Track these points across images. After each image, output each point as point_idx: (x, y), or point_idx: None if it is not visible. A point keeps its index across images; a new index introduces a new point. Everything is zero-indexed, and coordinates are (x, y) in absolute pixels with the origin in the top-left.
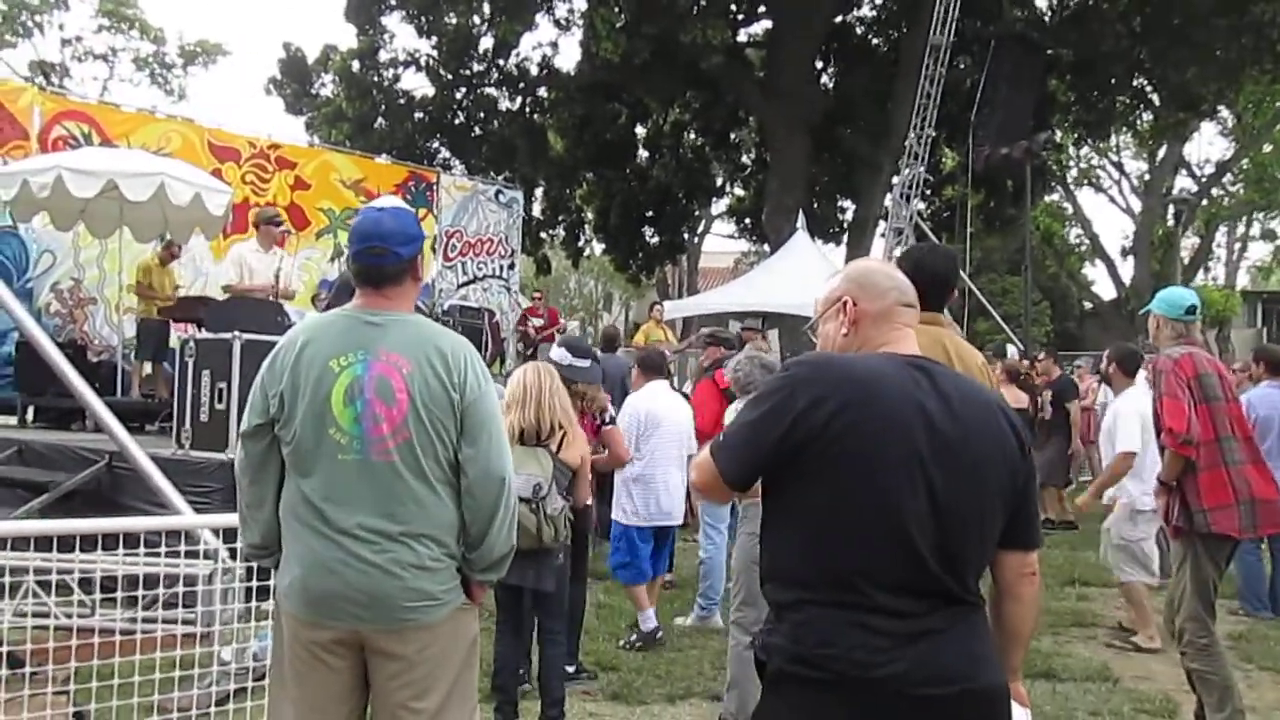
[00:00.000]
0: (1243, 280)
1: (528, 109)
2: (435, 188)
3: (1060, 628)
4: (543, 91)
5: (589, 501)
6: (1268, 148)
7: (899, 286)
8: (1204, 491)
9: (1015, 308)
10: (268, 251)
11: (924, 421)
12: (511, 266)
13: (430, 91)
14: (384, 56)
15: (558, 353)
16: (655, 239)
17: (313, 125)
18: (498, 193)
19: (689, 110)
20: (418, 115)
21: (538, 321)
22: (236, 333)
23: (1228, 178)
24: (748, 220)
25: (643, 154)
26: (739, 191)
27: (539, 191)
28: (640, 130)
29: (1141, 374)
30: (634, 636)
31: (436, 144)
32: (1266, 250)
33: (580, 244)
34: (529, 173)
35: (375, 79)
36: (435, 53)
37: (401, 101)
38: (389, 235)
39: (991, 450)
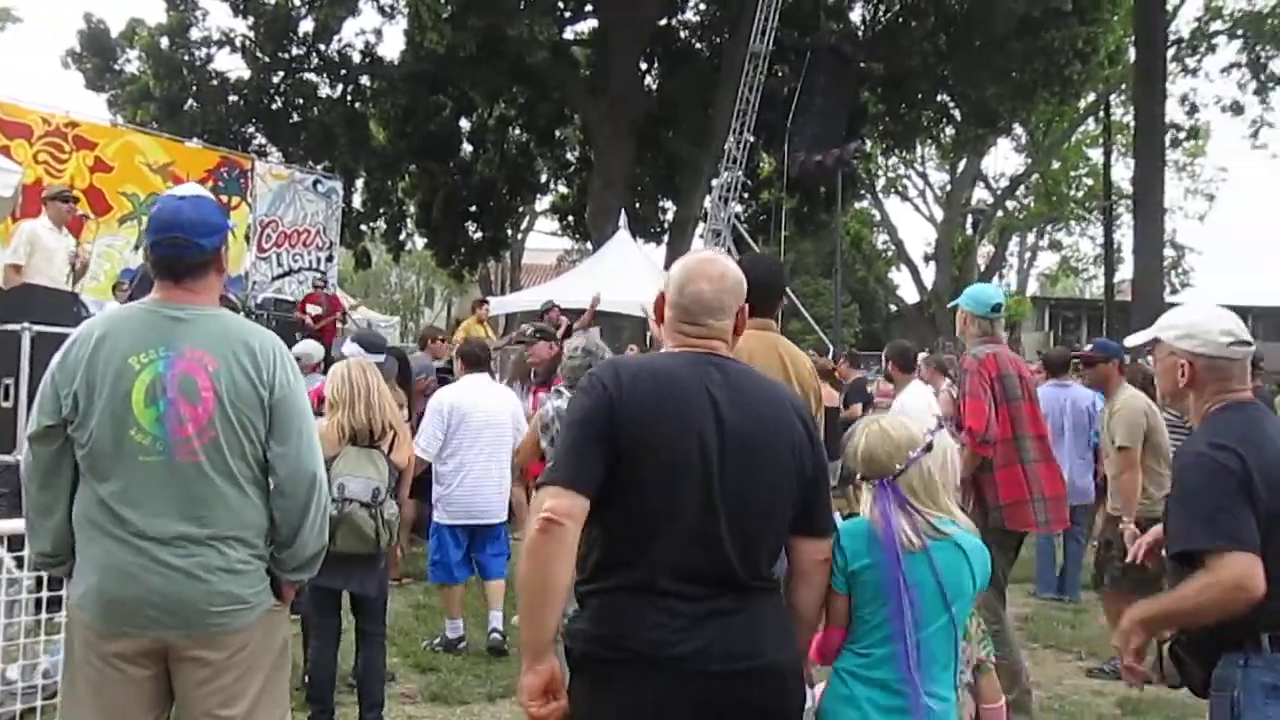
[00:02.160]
0: (1033, 287)
1: (349, 97)
2: (250, 175)
3: None
4: (365, 80)
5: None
6: (1056, 164)
7: (706, 304)
8: (1001, 488)
9: (826, 309)
10: (61, 231)
11: (714, 414)
12: (330, 259)
13: (246, 74)
14: (196, 34)
15: (350, 348)
16: (478, 234)
17: (116, 104)
18: (316, 182)
19: (514, 105)
20: (231, 98)
21: (316, 309)
22: (26, 324)
23: (1021, 190)
24: (571, 218)
25: (467, 148)
26: (563, 189)
27: (359, 182)
28: (465, 124)
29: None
30: (436, 641)
31: (252, 129)
32: (1054, 259)
33: (401, 238)
34: (349, 163)
35: (186, 58)
36: (251, 33)
37: (214, 83)
38: (190, 225)
39: (780, 442)
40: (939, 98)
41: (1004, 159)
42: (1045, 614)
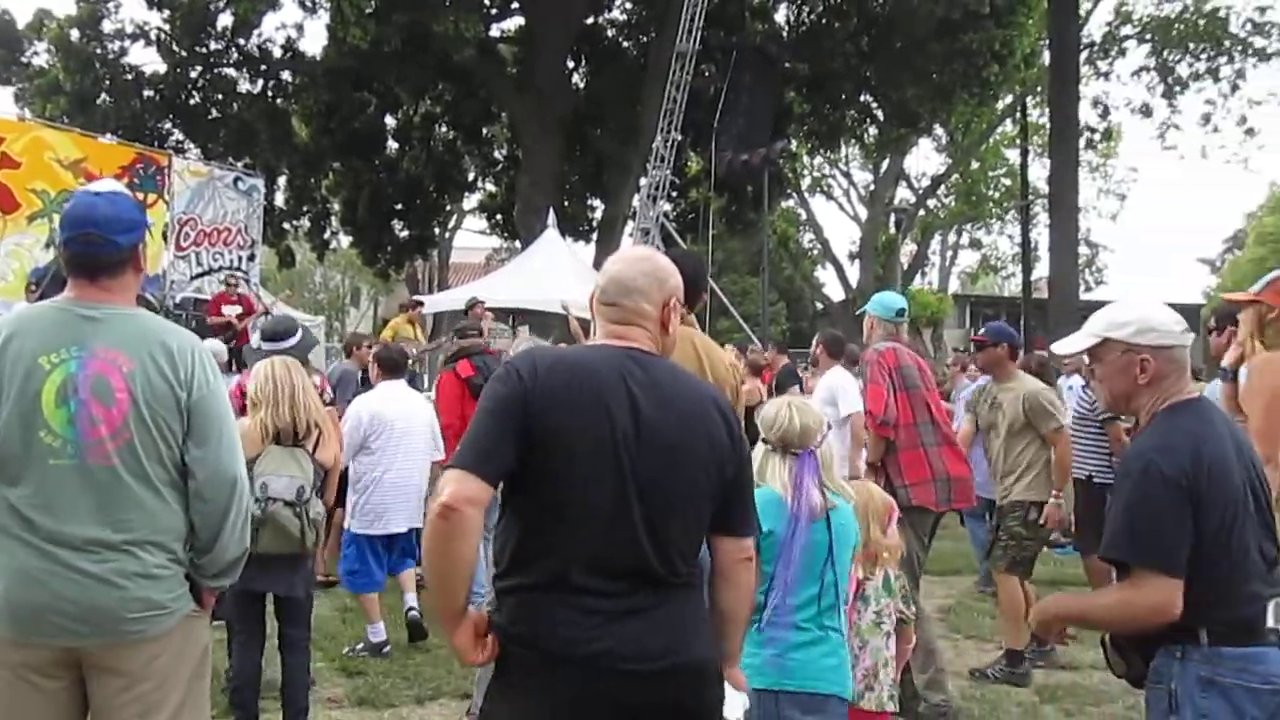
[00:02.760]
0: (954, 285)
1: (270, 93)
2: (167, 172)
3: None
4: (286, 75)
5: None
6: (976, 164)
7: (621, 282)
8: (904, 469)
9: (754, 307)
10: None
11: (630, 409)
12: (252, 258)
13: (161, 68)
14: (108, 27)
15: (256, 341)
16: (405, 233)
17: (23, 97)
18: (237, 180)
19: (440, 103)
20: (147, 93)
21: (233, 309)
22: None
23: (942, 190)
24: (499, 216)
25: (392, 145)
26: (490, 187)
27: (282, 180)
28: (390, 120)
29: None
30: (360, 646)
31: (169, 125)
32: (974, 257)
33: (326, 236)
34: (271, 160)
35: (98, 51)
36: (167, 26)
37: (128, 77)
38: (105, 222)
39: (700, 440)
40: (862, 98)
41: (925, 159)
42: (966, 605)
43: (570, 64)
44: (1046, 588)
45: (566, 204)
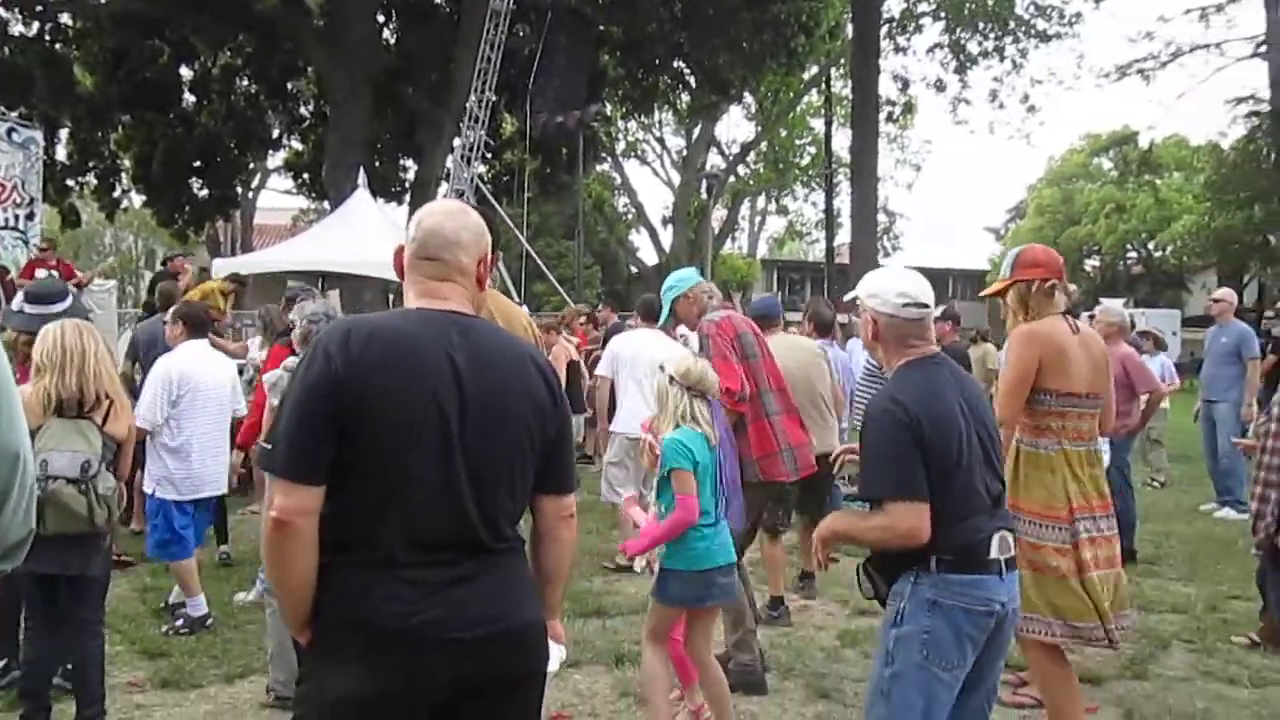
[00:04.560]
0: (762, 249)
1: (47, 36)
2: None
3: (606, 568)
4: (66, 18)
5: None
6: (784, 133)
7: (441, 235)
8: (754, 443)
9: (569, 270)
10: None
11: (453, 377)
12: (30, 216)
13: None
14: None
15: (16, 304)
16: (204, 192)
17: None
18: (11, 130)
19: (241, 55)
20: None
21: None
22: None
23: (751, 157)
24: (306, 175)
25: (189, 98)
26: (297, 145)
27: (64, 133)
28: (186, 72)
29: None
30: (179, 623)
31: None
32: (782, 224)
33: (116, 194)
34: (51, 110)
35: None
36: None
37: None
38: None
39: (523, 402)
40: (675, 64)
41: (736, 126)
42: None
43: (381, 19)
44: None
45: (378, 164)
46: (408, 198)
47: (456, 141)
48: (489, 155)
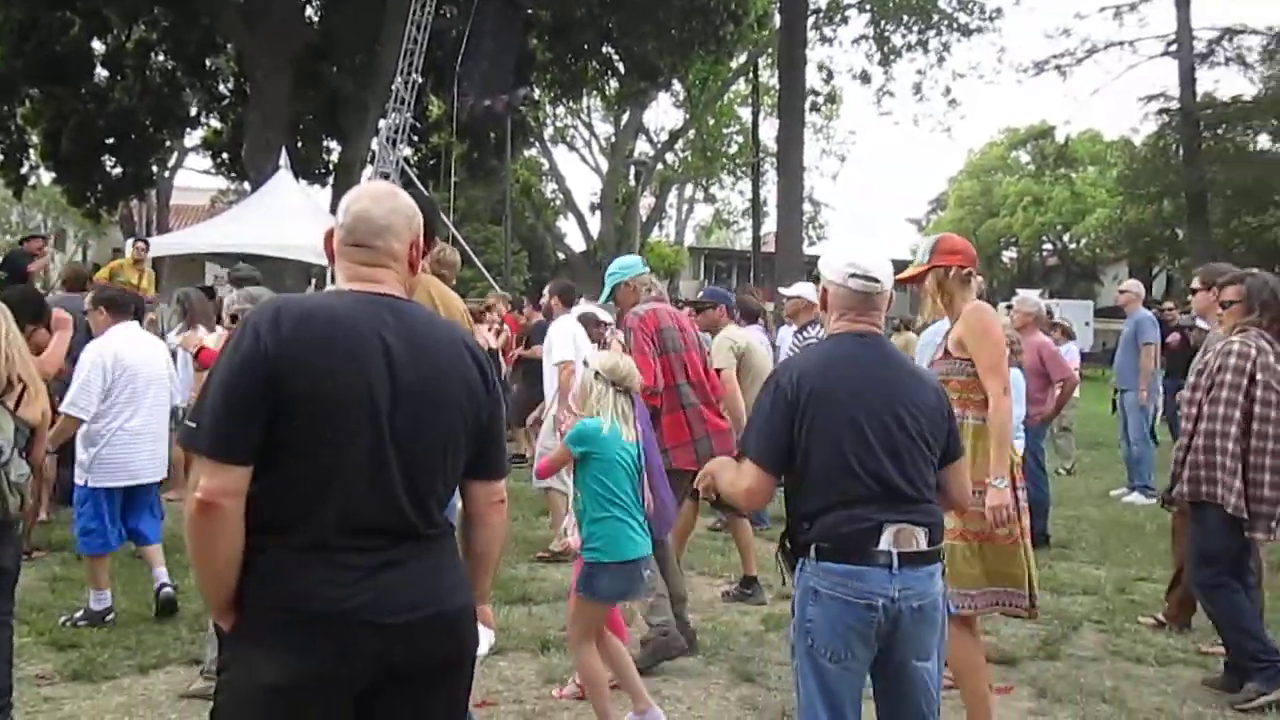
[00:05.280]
0: (690, 238)
1: None
2: None
3: (534, 556)
4: None
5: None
6: (712, 121)
7: (371, 221)
8: (666, 433)
9: (497, 256)
10: None
11: (385, 361)
12: None
13: None
14: None
15: None
16: (117, 170)
17: None
18: None
19: (157, 29)
20: None
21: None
22: None
23: (679, 145)
24: (225, 155)
25: (102, 73)
26: (216, 123)
27: None
28: (99, 45)
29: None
30: (79, 615)
31: None
32: (709, 212)
33: (24, 171)
34: None
35: None
36: None
37: None
38: None
39: (455, 386)
40: (604, 49)
41: (664, 113)
42: (699, 543)
43: None
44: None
45: (300, 144)
46: (331, 180)
47: (382, 123)
48: (415, 138)
